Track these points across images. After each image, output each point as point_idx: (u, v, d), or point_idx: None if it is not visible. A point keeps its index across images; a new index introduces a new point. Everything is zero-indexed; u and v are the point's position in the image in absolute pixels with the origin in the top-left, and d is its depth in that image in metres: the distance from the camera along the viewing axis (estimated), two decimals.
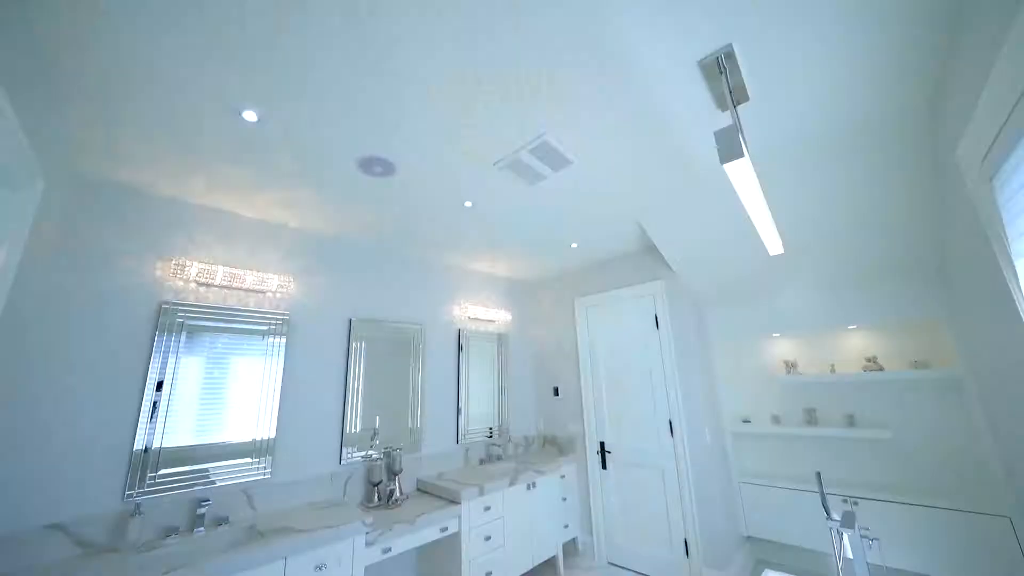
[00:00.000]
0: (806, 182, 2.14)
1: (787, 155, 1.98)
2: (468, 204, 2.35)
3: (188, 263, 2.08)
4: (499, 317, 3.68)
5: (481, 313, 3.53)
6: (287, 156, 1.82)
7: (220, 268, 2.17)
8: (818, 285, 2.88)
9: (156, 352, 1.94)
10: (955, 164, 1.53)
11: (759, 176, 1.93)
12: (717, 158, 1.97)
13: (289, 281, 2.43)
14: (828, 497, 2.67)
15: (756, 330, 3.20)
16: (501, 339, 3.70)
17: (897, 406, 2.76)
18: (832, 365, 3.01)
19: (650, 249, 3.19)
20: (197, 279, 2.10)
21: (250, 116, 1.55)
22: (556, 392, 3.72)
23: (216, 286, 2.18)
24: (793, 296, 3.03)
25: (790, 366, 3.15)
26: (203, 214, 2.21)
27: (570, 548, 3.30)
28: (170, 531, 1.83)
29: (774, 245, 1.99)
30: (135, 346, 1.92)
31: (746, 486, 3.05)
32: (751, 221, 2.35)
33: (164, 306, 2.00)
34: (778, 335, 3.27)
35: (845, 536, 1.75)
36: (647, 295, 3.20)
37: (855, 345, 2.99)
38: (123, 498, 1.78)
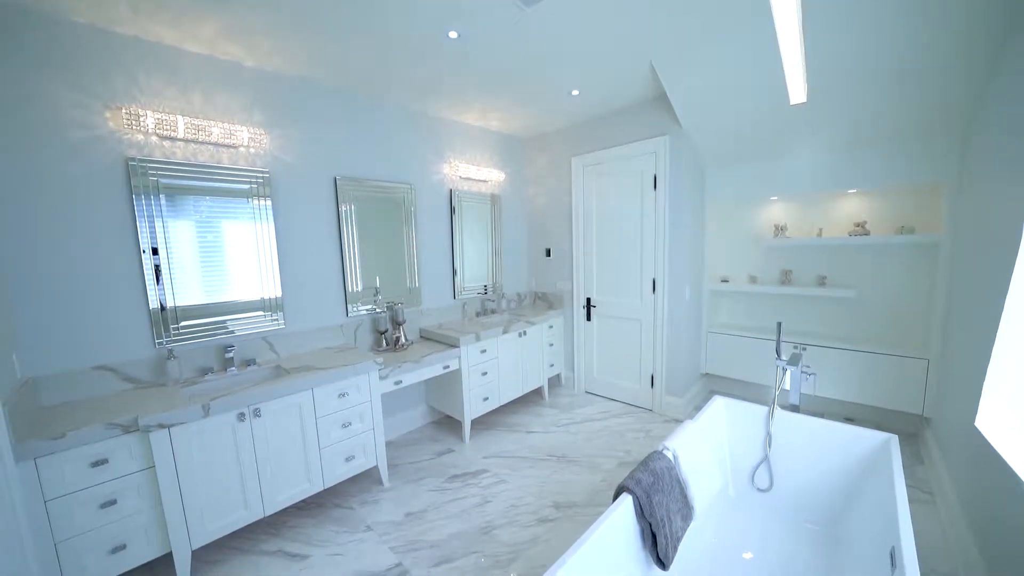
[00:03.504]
0: (854, 12, 1.79)
1: None
2: (453, 35, 1.99)
3: (141, 112, 1.84)
4: (492, 177, 3.52)
5: (473, 172, 3.36)
6: None
7: (180, 119, 1.94)
8: (830, 145, 2.71)
9: (140, 216, 1.89)
10: None
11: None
12: None
13: (261, 134, 2.22)
14: (783, 344, 3.05)
15: (755, 192, 3.14)
16: (494, 200, 3.61)
17: (871, 269, 2.91)
18: (820, 229, 3.05)
19: (659, 100, 2.86)
20: (157, 132, 1.90)
21: None
22: (548, 253, 3.83)
23: (181, 140, 2.00)
24: (801, 156, 2.88)
25: (779, 229, 3.19)
26: (141, 50, 1.87)
27: (554, 381, 3.89)
28: (206, 371, 2.10)
29: (798, 92, 1.78)
30: (115, 208, 1.85)
31: (712, 335, 3.44)
32: (779, 62, 2.05)
33: (131, 163, 1.85)
34: (775, 198, 3.22)
35: (788, 372, 2.05)
36: (649, 153, 3.02)
37: (847, 210, 2.99)
38: (155, 345, 1.97)
